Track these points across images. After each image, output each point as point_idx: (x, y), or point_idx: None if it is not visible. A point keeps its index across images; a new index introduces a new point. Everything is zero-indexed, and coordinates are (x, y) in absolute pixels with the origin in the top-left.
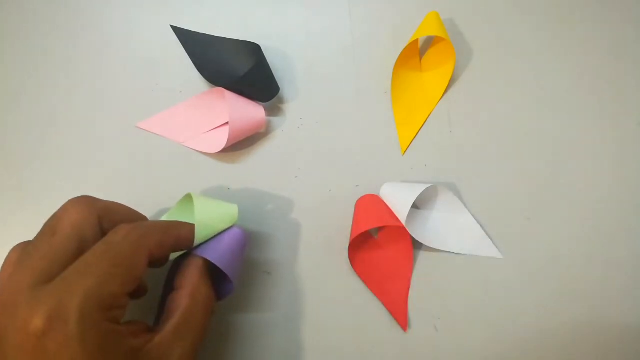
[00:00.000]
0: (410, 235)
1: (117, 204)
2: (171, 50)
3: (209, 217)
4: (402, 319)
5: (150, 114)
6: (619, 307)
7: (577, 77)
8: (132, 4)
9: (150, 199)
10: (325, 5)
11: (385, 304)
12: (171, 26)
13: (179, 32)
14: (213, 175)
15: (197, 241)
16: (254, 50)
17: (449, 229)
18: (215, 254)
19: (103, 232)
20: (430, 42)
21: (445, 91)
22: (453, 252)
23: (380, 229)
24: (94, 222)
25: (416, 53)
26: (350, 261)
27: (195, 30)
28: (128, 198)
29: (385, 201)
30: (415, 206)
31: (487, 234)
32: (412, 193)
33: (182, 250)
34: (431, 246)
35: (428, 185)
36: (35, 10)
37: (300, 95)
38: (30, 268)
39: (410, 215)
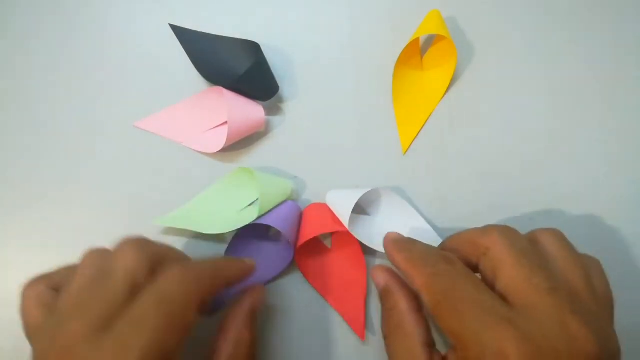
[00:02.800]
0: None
1: (167, 247)
2: (170, 49)
3: (270, 191)
4: (358, 327)
5: (149, 113)
6: (620, 308)
7: (580, 76)
8: (131, 2)
9: (149, 198)
10: (325, 4)
11: (340, 312)
12: (170, 25)
13: (178, 30)
14: (212, 175)
15: (260, 212)
16: (253, 49)
17: (398, 231)
18: (279, 225)
19: (152, 275)
20: (431, 40)
21: (447, 90)
22: None
23: (331, 238)
24: (147, 268)
25: (417, 52)
26: (302, 271)
27: (195, 29)
28: (126, 197)
29: (331, 208)
30: (363, 211)
31: (443, 229)
32: (353, 197)
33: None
34: (378, 249)
35: (369, 189)
36: (35, 10)
37: (300, 94)
38: (87, 314)
39: (355, 220)
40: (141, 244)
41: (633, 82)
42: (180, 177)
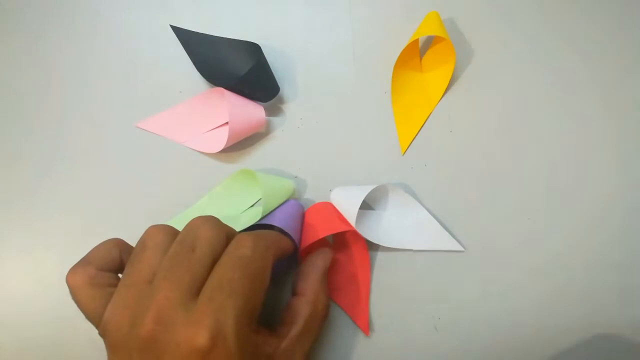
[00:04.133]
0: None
1: (230, 227)
2: (171, 50)
3: (272, 191)
4: (363, 322)
5: (151, 113)
6: (621, 308)
7: (578, 77)
8: (132, 4)
9: (150, 198)
10: (325, 5)
11: (344, 307)
12: (171, 26)
13: (179, 32)
14: (213, 175)
15: (264, 212)
16: (254, 50)
17: (404, 227)
18: (284, 224)
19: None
20: (430, 42)
21: (446, 91)
22: (412, 250)
23: (335, 234)
24: (224, 239)
25: (416, 53)
26: None
27: (195, 30)
28: (128, 198)
29: (336, 206)
30: (368, 207)
31: (445, 228)
32: (359, 194)
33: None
34: (386, 245)
35: (375, 186)
36: (35, 10)
37: (300, 95)
38: (177, 282)
39: (361, 217)
40: (215, 220)
41: (634, 81)
42: (181, 178)
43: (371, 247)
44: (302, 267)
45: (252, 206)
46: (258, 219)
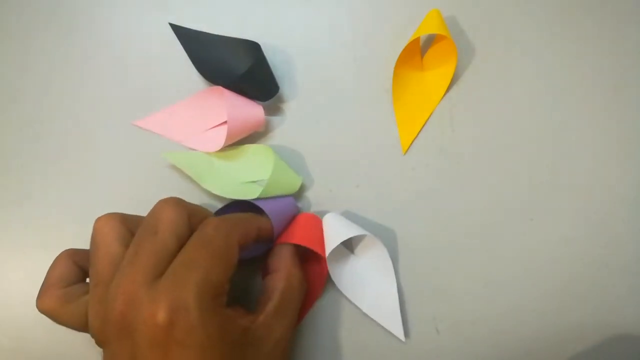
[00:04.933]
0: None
1: (196, 206)
2: (170, 48)
3: (280, 180)
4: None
5: (148, 112)
6: (621, 308)
7: (581, 76)
8: (131, 2)
9: (148, 196)
10: (325, 4)
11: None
12: (170, 24)
13: (178, 30)
14: None
15: (262, 194)
16: (253, 48)
17: (365, 285)
18: (272, 215)
19: (191, 229)
20: (431, 40)
21: (447, 90)
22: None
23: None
24: (187, 220)
25: (417, 51)
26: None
27: (194, 29)
28: (125, 195)
29: (324, 228)
30: (350, 247)
31: (401, 311)
32: (347, 232)
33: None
34: (341, 289)
35: (367, 234)
36: (33, 9)
37: (300, 94)
38: (141, 266)
39: (337, 252)
40: (177, 200)
41: (637, 80)
42: (179, 176)
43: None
44: (272, 249)
45: (254, 182)
46: (254, 197)
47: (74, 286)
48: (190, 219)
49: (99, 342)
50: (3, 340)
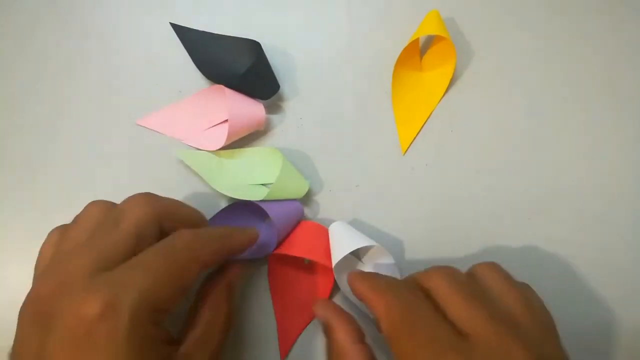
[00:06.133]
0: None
1: (177, 203)
2: (171, 48)
3: (287, 184)
4: (284, 346)
5: (151, 111)
6: (621, 308)
7: (578, 77)
8: (133, 3)
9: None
10: (325, 4)
11: (278, 324)
12: (171, 24)
13: (179, 29)
14: None
15: (268, 197)
16: (254, 48)
17: None
18: (276, 219)
19: (161, 230)
20: (430, 41)
21: (446, 91)
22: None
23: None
24: (154, 222)
25: (417, 52)
26: (269, 273)
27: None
28: (128, 194)
29: (330, 238)
30: (356, 255)
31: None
32: (355, 242)
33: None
34: (349, 298)
35: (375, 244)
36: (36, 11)
37: (300, 94)
38: (91, 254)
39: (344, 262)
40: (151, 200)
41: (635, 81)
42: (181, 174)
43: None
44: (213, 273)
45: (261, 184)
46: (259, 198)
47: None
48: (162, 220)
49: (20, 311)
50: (5, 342)
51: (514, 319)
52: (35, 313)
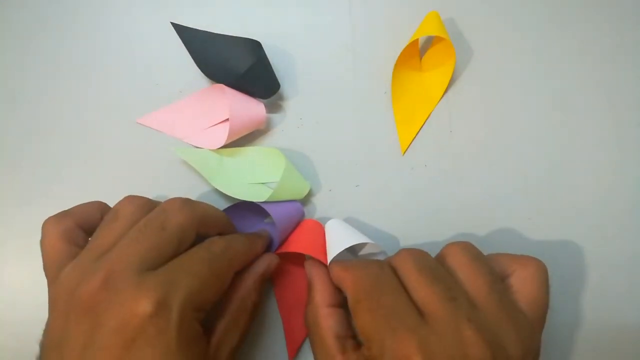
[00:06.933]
0: None
1: (212, 209)
2: (172, 47)
3: (288, 185)
4: (292, 347)
5: (151, 110)
6: (621, 307)
7: (577, 77)
8: (134, 3)
9: (150, 194)
10: (325, 4)
11: (284, 324)
12: (171, 23)
13: (180, 29)
14: None
15: (270, 197)
16: (254, 47)
17: None
18: (278, 220)
19: (197, 235)
20: (430, 42)
21: (446, 91)
22: None
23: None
24: (194, 227)
25: (416, 53)
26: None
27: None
28: (128, 193)
29: (327, 235)
30: (353, 252)
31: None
32: (349, 240)
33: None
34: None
35: (370, 241)
36: (35, 10)
37: (300, 94)
38: (139, 252)
39: (339, 258)
40: (192, 205)
41: (634, 81)
42: (181, 173)
43: None
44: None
45: (262, 184)
46: (261, 199)
47: (81, 232)
48: (199, 226)
49: (53, 299)
50: (9, 340)
51: (473, 301)
52: (78, 305)
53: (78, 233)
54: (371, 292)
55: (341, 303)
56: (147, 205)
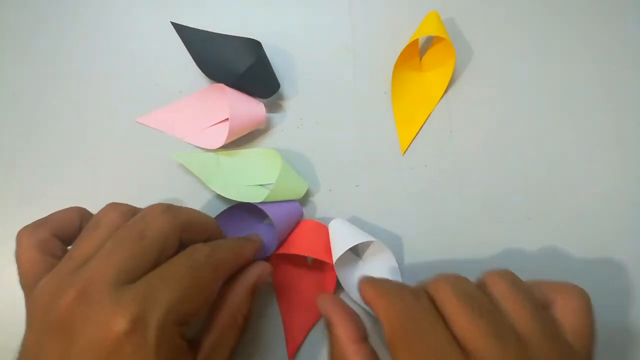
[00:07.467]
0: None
1: (195, 214)
2: (172, 47)
3: (286, 185)
4: (291, 346)
5: (151, 109)
6: (620, 307)
7: (577, 77)
8: (134, 2)
9: (150, 194)
10: (325, 4)
11: (285, 324)
12: (171, 23)
13: (180, 28)
14: None
15: (268, 198)
16: (254, 46)
17: None
18: (277, 220)
19: (179, 242)
20: (430, 41)
21: (446, 91)
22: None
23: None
24: (176, 234)
25: (416, 53)
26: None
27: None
28: (128, 192)
29: (330, 235)
30: (357, 253)
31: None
32: (355, 238)
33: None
34: (350, 295)
35: (374, 240)
36: (35, 10)
37: (300, 94)
38: (115, 264)
39: (345, 258)
40: (174, 211)
41: (634, 81)
42: (180, 173)
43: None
44: (237, 275)
45: (260, 185)
46: (259, 200)
47: (58, 242)
48: (182, 232)
49: (29, 316)
50: (9, 340)
51: (523, 338)
52: (53, 320)
53: (54, 243)
54: (409, 328)
55: (366, 335)
56: (130, 213)
